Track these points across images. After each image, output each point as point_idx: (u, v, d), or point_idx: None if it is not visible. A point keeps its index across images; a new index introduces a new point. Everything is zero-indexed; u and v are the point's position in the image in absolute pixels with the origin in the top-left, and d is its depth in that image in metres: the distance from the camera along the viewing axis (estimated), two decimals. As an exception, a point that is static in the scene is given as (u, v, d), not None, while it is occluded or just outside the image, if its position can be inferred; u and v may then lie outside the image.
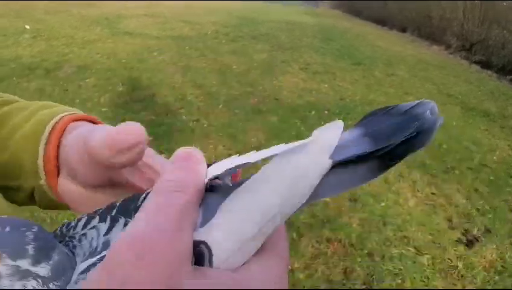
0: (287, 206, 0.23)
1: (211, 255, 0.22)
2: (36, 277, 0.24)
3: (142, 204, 0.23)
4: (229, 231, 0.23)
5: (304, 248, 2.19)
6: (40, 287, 0.23)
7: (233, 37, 7.32)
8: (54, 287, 0.24)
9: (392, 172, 3.09)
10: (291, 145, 0.24)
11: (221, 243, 0.22)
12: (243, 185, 0.24)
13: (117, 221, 0.26)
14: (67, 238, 0.27)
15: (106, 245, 0.25)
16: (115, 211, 0.27)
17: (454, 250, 2.26)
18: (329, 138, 0.24)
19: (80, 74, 4.68)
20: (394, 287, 1.98)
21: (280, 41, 7.39)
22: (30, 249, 0.24)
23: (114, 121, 3.59)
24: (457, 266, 2.13)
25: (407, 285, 2.00)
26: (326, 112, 4.26)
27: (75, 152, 0.33)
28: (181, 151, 0.26)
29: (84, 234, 0.26)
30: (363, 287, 1.96)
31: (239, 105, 4.10)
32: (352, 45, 7.73)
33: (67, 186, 0.35)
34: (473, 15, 7.57)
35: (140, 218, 0.22)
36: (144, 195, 0.27)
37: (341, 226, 2.41)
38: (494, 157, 3.48)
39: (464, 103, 5.00)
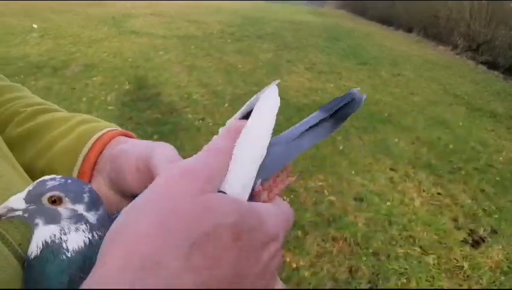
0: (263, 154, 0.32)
1: None
2: (86, 222, 0.29)
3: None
4: (236, 178, 0.30)
5: (309, 246, 2.20)
6: (88, 232, 0.29)
7: (239, 37, 7.34)
8: (96, 236, 0.29)
9: (398, 172, 3.09)
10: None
11: (233, 188, 0.29)
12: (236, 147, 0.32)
13: None
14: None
15: None
16: None
17: (460, 250, 2.25)
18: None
19: (86, 72, 4.72)
20: (399, 287, 1.98)
21: (286, 41, 7.39)
22: (86, 197, 0.30)
23: (120, 119, 3.62)
24: (463, 267, 2.13)
25: (413, 285, 2.00)
26: (332, 111, 4.26)
27: (133, 165, 0.36)
28: (235, 124, 0.33)
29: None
30: (368, 286, 1.96)
31: (244, 104, 4.11)
32: (358, 45, 7.72)
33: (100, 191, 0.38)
34: (480, 15, 7.52)
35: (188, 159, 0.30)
36: None
37: (346, 225, 2.41)
38: (501, 158, 3.46)
39: (470, 103, 4.98)
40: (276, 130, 0.36)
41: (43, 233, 0.28)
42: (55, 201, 0.28)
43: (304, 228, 2.35)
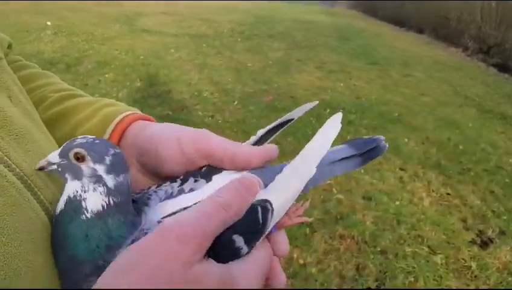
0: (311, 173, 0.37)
1: (272, 208, 0.34)
2: (104, 185, 0.31)
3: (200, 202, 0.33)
4: (280, 194, 0.35)
5: (317, 243, 2.22)
6: (105, 195, 0.30)
7: (249, 35, 7.36)
8: (112, 202, 0.31)
9: (407, 172, 3.09)
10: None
11: (277, 201, 0.34)
12: (283, 172, 0.37)
13: (187, 181, 0.36)
14: (137, 195, 0.35)
15: (181, 192, 0.35)
16: (182, 177, 0.37)
17: (468, 251, 2.25)
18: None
19: (99, 69, 4.79)
20: (407, 286, 1.99)
21: (296, 40, 7.40)
22: (107, 159, 0.31)
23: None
24: (471, 267, 2.13)
25: (420, 284, 2.00)
26: (341, 110, 4.22)
27: (165, 145, 0.40)
28: (247, 179, 0.35)
29: (159, 189, 0.36)
30: (376, 283, 1.97)
31: (254, 102, 4.14)
32: (369, 45, 7.69)
33: None
34: (490, 18, 7.44)
35: (188, 211, 0.32)
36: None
37: (354, 224, 2.42)
38: (510, 160, 3.43)
39: (480, 105, 4.93)
40: (289, 128, 0.42)
41: (68, 188, 0.31)
42: (78, 158, 0.31)
43: (311, 225, 2.37)
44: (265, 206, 0.33)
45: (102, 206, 0.31)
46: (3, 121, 0.32)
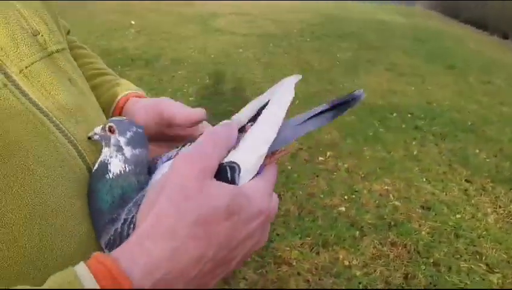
0: (274, 135, 0.40)
1: (239, 168, 0.38)
2: (123, 154, 0.40)
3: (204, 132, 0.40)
4: (249, 152, 0.39)
5: (365, 247, 2.20)
6: (123, 163, 0.40)
7: (319, 35, 7.32)
8: (127, 169, 0.40)
9: (474, 184, 2.89)
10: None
11: (246, 160, 0.38)
12: (252, 127, 0.40)
13: (184, 145, 0.44)
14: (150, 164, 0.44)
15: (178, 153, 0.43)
16: (180, 145, 0.45)
17: (534, 274, 2.06)
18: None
19: (173, 66, 5.15)
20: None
21: (367, 41, 7.19)
22: (128, 134, 0.40)
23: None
24: (535, 291, 1.95)
25: (473, 302, 1.90)
26: (409, 115, 4.08)
27: (146, 113, 0.53)
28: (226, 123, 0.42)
29: (163, 155, 0.45)
30: (423, 294, 1.91)
31: (316, 102, 4.10)
32: (446, 48, 7.20)
33: None
34: None
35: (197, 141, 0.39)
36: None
37: (408, 232, 2.34)
38: None
39: None
40: (346, 128, 0.45)
41: (103, 153, 0.41)
42: (111, 130, 0.41)
43: (362, 229, 2.35)
44: (232, 166, 0.37)
45: (120, 171, 0.40)
46: (61, 98, 0.42)
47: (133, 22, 7.24)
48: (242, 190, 0.36)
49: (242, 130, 0.42)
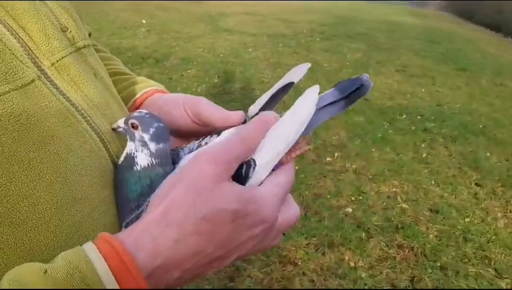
0: (294, 138, 0.42)
1: (255, 164, 0.40)
2: (148, 148, 0.42)
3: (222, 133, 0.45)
4: (267, 149, 0.41)
5: (371, 249, 2.18)
6: (149, 156, 0.42)
7: (329, 36, 7.29)
8: (154, 162, 0.42)
9: (484, 188, 2.85)
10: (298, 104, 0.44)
11: (263, 157, 0.40)
12: (273, 126, 0.42)
13: (204, 138, 0.46)
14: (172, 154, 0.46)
15: (199, 146, 0.45)
16: (202, 137, 0.47)
17: (545, 281, 2.02)
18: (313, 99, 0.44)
19: (183, 65, 5.18)
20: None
21: (377, 42, 7.14)
22: (151, 130, 0.42)
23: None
24: (546, 298, 1.92)
25: (481, 307, 1.87)
26: (419, 117, 4.04)
27: (183, 111, 0.52)
28: (265, 116, 0.44)
29: (185, 147, 0.47)
30: (429, 298, 1.88)
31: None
32: (459, 50, 7.11)
33: None
34: None
35: (215, 143, 0.43)
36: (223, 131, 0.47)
37: (416, 235, 2.32)
38: None
39: None
40: (354, 129, 0.46)
41: (128, 146, 0.43)
42: (133, 126, 0.42)
43: (368, 230, 2.33)
44: (249, 163, 0.40)
45: (147, 164, 0.42)
46: (88, 92, 0.44)
47: (144, 21, 7.29)
48: (252, 197, 0.38)
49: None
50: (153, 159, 0.42)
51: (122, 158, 0.43)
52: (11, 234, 0.34)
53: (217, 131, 0.47)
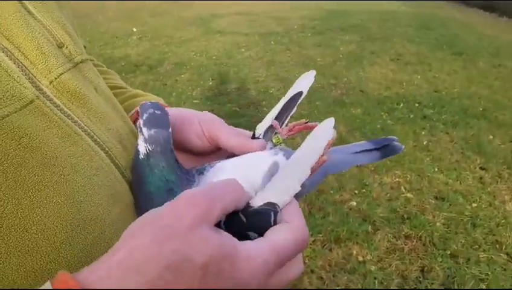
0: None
1: (279, 208, 0.37)
2: (142, 134, 0.42)
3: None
4: (282, 193, 0.37)
5: (379, 241, 2.14)
6: (144, 142, 0.41)
7: (321, 30, 7.24)
8: (149, 148, 0.41)
9: (489, 172, 2.80)
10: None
11: (280, 202, 0.37)
12: (284, 167, 0.40)
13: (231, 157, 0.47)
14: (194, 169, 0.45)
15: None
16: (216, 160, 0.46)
17: (559, 261, 1.97)
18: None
19: (176, 70, 5.14)
20: (479, 294, 1.82)
21: (370, 32, 7.08)
22: (145, 115, 0.42)
23: (204, 111, 3.90)
24: (561, 280, 1.87)
25: (495, 293, 1.82)
26: (417, 104, 3.99)
27: (191, 123, 0.52)
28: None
29: (213, 164, 0.45)
30: (441, 287, 1.84)
31: (320, 97, 4.09)
32: (454, 34, 7.04)
33: None
34: None
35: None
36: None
37: (423, 224, 2.28)
38: None
39: None
40: (353, 122, 0.45)
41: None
42: (138, 116, 0.44)
43: (374, 223, 2.29)
44: (275, 210, 0.36)
45: (146, 151, 0.41)
46: (90, 107, 0.42)
47: (134, 29, 7.26)
48: (232, 253, 0.31)
49: (268, 130, 0.46)
50: (147, 145, 0.41)
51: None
52: (21, 265, 0.32)
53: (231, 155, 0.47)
